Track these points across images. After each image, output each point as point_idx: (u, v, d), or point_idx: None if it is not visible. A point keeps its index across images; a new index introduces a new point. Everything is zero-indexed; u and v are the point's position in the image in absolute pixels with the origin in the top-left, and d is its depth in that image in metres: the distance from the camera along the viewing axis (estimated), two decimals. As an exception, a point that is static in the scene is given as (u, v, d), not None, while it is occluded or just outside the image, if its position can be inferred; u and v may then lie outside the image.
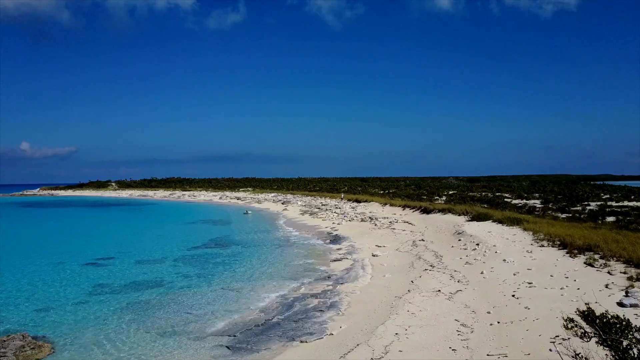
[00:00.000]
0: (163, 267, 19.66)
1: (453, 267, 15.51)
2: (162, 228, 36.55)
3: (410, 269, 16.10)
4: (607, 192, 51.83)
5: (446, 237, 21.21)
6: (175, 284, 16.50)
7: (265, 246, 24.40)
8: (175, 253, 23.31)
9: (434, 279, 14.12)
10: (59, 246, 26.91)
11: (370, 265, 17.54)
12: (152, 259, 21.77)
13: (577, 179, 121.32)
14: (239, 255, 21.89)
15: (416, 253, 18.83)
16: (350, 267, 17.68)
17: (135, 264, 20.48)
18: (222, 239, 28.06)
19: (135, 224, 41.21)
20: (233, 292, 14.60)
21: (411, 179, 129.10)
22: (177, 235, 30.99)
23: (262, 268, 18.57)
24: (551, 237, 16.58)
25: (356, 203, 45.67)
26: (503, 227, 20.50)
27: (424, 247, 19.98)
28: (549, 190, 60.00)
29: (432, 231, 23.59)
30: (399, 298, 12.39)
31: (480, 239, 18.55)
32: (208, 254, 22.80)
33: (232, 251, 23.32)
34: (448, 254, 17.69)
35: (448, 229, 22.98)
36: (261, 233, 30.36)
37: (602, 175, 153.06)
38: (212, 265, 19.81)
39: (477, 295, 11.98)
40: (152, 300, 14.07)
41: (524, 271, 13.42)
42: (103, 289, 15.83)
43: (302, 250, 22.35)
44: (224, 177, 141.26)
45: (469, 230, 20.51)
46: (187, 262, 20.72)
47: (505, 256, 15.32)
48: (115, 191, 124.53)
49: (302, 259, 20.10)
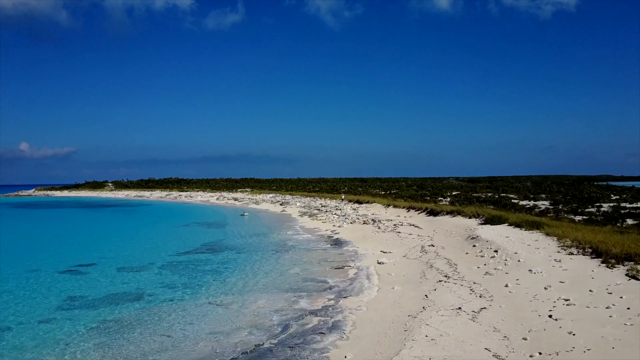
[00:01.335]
0: (147, 276, 17.82)
1: (471, 278, 13.68)
2: (154, 231, 34.70)
3: (422, 280, 14.26)
4: (616, 192, 50.02)
5: (458, 243, 19.37)
6: (158, 296, 14.65)
7: (261, 251, 22.55)
8: (164, 259, 21.47)
9: (451, 293, 12.29)
10: (39, 251, 25.04)
11: (376, 275, 15.71)
12: (137, 265, 19.93)
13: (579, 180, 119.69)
14: (232, 262, 20.05)
15: (426, 260, 17.00)
16: (354, 276, 15.84)
17: (117, 272, 18.63)
18: (215, 243, 26.21)
19: (126, 226, 39.33)
20: (221, 309, 12.75)
21: (411, 179, 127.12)
22: (168, 239, 29.14)
23: (256, 277, 16.72)
24: (580, 243, 14.76)
25: (357, 204, 43.81)
26: (521, 231, 18.66)
27: (435, 253, 18.14)
28: (555, 191, 58.17)
29: (442, 235, 21.74)
30: (413, 317, 10.54)
31: (498, 244, 16.71)
32: (198, 260, 20.97)
33: (225, 257, 21.48)
34: (463, 262, 15.85)
35: (459, 233, 21.14)
36: (257, 237, 28.51)
37: (602, 176, 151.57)
38: (201, 273, 17.97)
39: (505, 314, 10.15)
40: (128, 318, 12.22)
41: (556, 284, 11.59)
42: (75, 303, 13.99)
43: (300, 257, 20.51)
44: (222, 178, 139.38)
45: (483, 235, 18.67)
46: (174, 269, 18.89)
47: (531, 266, 13.49)
48: (112, 192, 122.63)
49: (300, 266, 18.26)
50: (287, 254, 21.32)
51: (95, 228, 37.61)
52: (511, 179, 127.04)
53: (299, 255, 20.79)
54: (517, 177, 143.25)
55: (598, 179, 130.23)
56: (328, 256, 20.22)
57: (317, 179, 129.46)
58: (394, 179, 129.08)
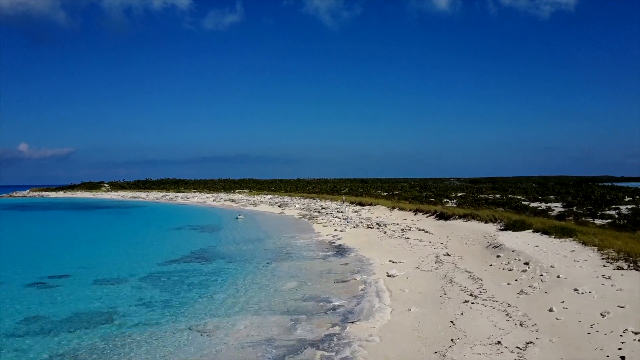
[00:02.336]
0: (124, 290, 15.58)
1: (503, 297, 11.45)
2: (142, 235, 32.45)
3: (443, 299, 12.03)
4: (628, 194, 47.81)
5: (478, 252, 17.14)
6: (131, 317, 12.43)
7: (255, 261, 20.31)
8: (147, 269, 19.24)
9: (483, 319, 10.06)
10: (12, 258, 22.74)
11: (387, 291, 13.47)
12: (115, 277, 17.71)
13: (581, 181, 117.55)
14: (222, 274, 17.81)
15: (444, 273, 14.76)
16: (362, 293, 13.61)
17: (91, 286, 16.39)
18: (206, 250, 23.97)
19: (114, 230, 37.05)
20: (202, 337, 10.50)
21: (411, 180, 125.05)
22: (156, 245, 26.90)
23: (247, 294, 14.48)
24: (629, 255, 12.54)
25: (360, 206, 41.54)
26: (551, 239, 16.41)
27: (453, 264, 15.91)
28: (563, 192, 56.06)
29: (457, 242, 19.51)
30: (441, 356, 8.32)
31: (529, 255, 14.47)
32: (185, 270, 18.73)
33: (215, 267, 19.24)
34: (488, 277, 13.62)
35: (477, 240, 18.91)
36: (252, 243, 26.27)
37: (603, 177, 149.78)
38: (186, 287, 15.74)
39: (560, 352, 7.93)
40: (89, 349, 10.00)
41: (615, 310, 9.36)
42: (33, 326, 11.79)
43: (298, 267, 18.28)
44: (220, 178, 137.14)
45: (508, 243, 16.42)
46: (156, 282, 16.66)
47: (575, 283, 11.26)
48: (108, 193, 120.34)
49: (299, 279, 16.02)
50: (284, 264, 19.08)
51: (80, 232, 35.33)
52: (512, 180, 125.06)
53: (298, 266, 18.56)
54: (518, 177, 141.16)
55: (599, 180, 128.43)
56: (330, 266, 17.99)
57: (316, 179, 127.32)
58: (395, 180, 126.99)
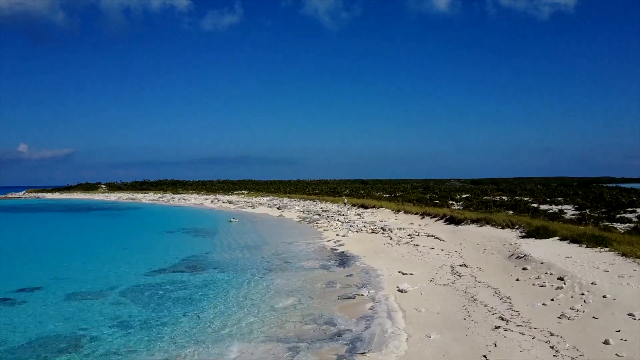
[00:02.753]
0: (100, 308, 13.73)
1: (541, 322, 9.59)
2: (132, 240, 30.58)
3: (468, 323, 10.17)
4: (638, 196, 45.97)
5: (499, 263, 15.27)
6: (101, 344, 10.58)
7: (250, 270, 18.45)
8: (130, 280, 17.41)
9: (523, 352, 8.20)
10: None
11: (400, 311, 11.62)
12: (93, 290, 15.87)
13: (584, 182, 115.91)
14: (212, 287, 15.95)
15: (464, 289, 12.91)
16: (371, 313, 11.75)
17: (63, 301, 14.54)
18: (198, 258, 22.12)
19: (103, 234, 35.15)
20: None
21: (412, 181, 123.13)
22: (144, 251, 25.02)
23: (239, 313, 12.62)
24: (685, 271, 10.69)
25: (362, 209, 39.66)
26: (583, 249, 14.53)
27: (472, 277, 14.05)
28: (571, 194, 54.20)
29: (473, 251, 17.64)
30: (481, 410, 6.46)
31: (562, 269, 12.60)
32: (173, 282, 16.89)
33: (205, 278, 17.38)
34: (517, 294, 11.76)
35: (496, 248, 17.04)
36: (248, 249, 24.41)
37: (604, 178, 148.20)
38: (171, 304, 13.89)
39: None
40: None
41: (690, 345, 7.52)
42: (-19, 356, 9.94)
43: (297, 280, 16.41)
44: (219, 180, 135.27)
45: (533, 253, 14.55)
46: (138, 296, 14.81)
47: (628, 306, 9.41)
48: (104, 194, 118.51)
49: (298, 295, 14.16)
50: (281, 275, 17.22)
51: (67, 236, 33.42)
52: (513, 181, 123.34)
53: (297, 277, 16.69)
54: (519, 178, 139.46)
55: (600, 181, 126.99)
56: (333, 278, 16.12)
57: (316, 180, 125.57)
58: (395, 181, 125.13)
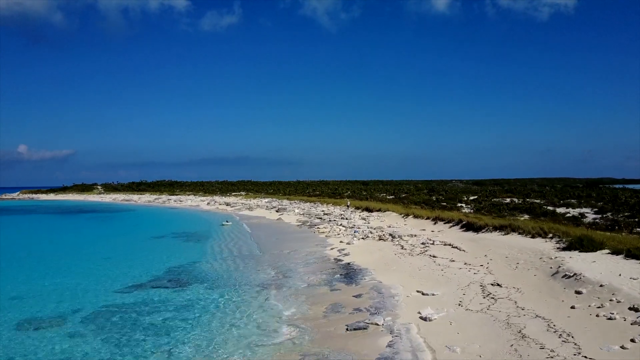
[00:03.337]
0: (52, 340, 11.13)
1: (631, 379, 6.98)
2: (116, 247, 27.92)
3: (525, 376, 7.54)
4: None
5: (541, 282, 12.62)
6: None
7: (241, 287, 15.84)
8: (100, 299, 14.81)
9: None
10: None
11: (428, 351, 9.01)
12: (52, 314, 13.29)
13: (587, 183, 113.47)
14: (195, 309, 13.34)
15: (504, 318, 10.29)
16: (390, 354, 9.12)
17: (12, 330, 11.96)
18: (184, 269, 19.51)
19: (86, 240, 32.47)
20: None
21: (413, 182, 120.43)
22: (125, 261, 22.38)
23: (223, 349, 10.01)
24: None
25: (367, 212, 36.95)
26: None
27: (510, 301, 11.42)
28: (584, 196, 51.58)
29: (503, 265, 14.99)
30: None
31: (630, 295, 9.93)
32: (149, 302, 14.28)
33: (188, 297, 14.77)
34: (579, 329, 9.12)
35: (531, 262, 14.39)
36: (241, 259, 21.80)
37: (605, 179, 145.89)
38: (141, 334, 11.29)
39: None
40: None
41: None
42: None
43: (296, 301, 13.78)
44: (217, 181, 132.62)
45: (586, 272, 11.88)
46: (103, 324, 12.19)
47: None
48: (100, 195, 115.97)
49: (296, 325, 11.53)
50: (277, 295, 14.58)
51: (45, 243, 30.72)
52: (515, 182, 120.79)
53: (295, 298, 14.05)
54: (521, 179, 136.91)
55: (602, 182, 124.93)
56: (339, 299, 13.49)
57: (317, 181, 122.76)
58: (396, 182, 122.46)
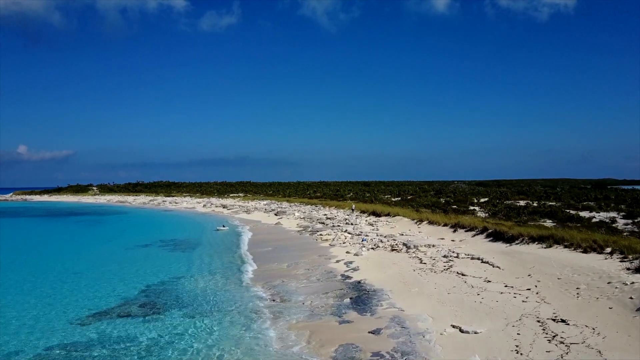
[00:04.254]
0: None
1: None
2: (94, 258, 24.76)
3: None
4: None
5: (623, 319, 9.55)
6: None
7: (229, 315, 12.75)
8: (48, 337, 11.69)
9: None
10: None
11: None
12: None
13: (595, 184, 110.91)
14: (166, 350, 10.26)
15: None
16: None
17: None
18: (163, 289, 16.43)
19: (64, 249, 29.32)
20: None
21: (415, 183, 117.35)
22: (99, 276, 19.27)
23: None
24: None
25: (374, 217, 33.74)
26: None
27: (591, 350, 8.36)
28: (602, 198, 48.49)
29: (558, 291, 11.90)
30: None
31: None
32: (109, 339, 11.21)
33: (161, 331, 11.68)
34: None
35: (597, 287, 11.32)
36: (233, 273, 18.73)
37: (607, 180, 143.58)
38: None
39: None
40: None
41: None
42: None
43: (296, 337, 10.71)
44: (216, 181, 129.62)
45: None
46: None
47: None
48: (94, 196, 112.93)
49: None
50: (272, 326, 11.51)
51: (14, 254, 27.42)
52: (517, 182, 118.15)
53: (296, 333, 10.98)
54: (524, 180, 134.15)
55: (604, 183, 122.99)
56: (350, 337, 10.41)
57: (317, 182, 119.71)
58: (398, 183, 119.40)
